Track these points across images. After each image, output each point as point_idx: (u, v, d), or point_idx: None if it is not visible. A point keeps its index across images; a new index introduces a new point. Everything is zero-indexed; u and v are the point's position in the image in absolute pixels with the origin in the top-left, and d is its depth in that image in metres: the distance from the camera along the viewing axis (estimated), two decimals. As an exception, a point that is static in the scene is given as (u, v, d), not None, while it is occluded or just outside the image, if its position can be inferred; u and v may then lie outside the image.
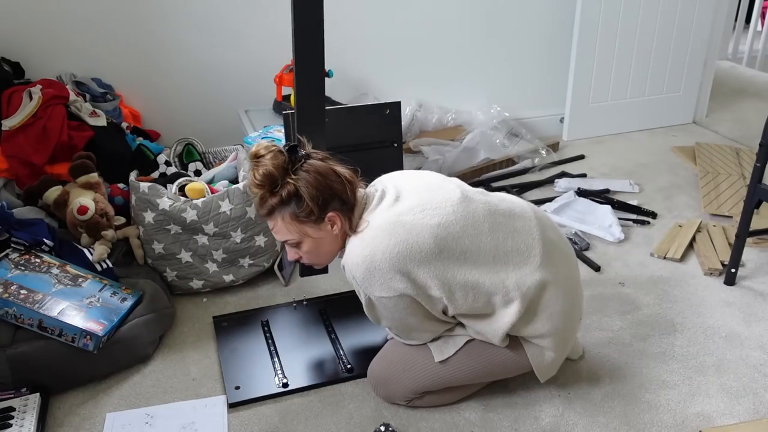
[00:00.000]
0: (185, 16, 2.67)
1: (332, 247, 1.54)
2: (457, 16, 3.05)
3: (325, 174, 1.47)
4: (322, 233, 1.50)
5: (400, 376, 1.61)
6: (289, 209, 1.46)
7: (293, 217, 1.47)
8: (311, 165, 1.46)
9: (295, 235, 1.50)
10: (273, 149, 1.44)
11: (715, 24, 3.38)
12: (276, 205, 1.46)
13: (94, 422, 1.65)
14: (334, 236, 1.51)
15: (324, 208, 1.46)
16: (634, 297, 2.12)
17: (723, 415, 1.65)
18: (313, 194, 1.44)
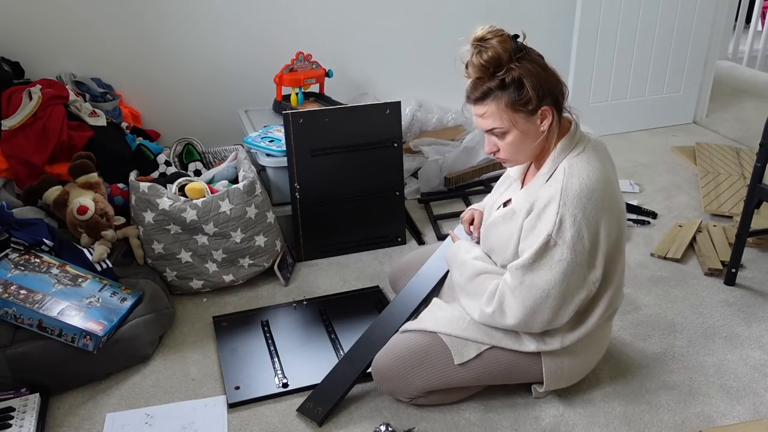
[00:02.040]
0: (185, 17, 2.67)
1: (534, 145, 1.49)
2: (457, 16, 3.05)
3: (545, 69, 1.45)
4: (530, 126, 1.46)
5: (408, 374, 1.60)
6: (508, 95, 1.42)
7: (509, 103, 1.43)
8: (533, 57, 1.44)
9: (506, 123, 1.45)
10: (500, 34, 1.41)
11: (715, 24, 3.38)
12: (494, 89, 1.43)
13: (94, 422, 1.65)
14: (540, 132, 1.47)
15: (542, 99, 1.43)
16: (634, 297, 2.12)
17: (723, 415, 1.65)
18: (534, 83, 1.41)
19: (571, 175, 1.45)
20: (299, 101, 2.60)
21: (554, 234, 1.42)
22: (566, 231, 1.42)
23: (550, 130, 1.47)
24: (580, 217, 1.42)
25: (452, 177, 2.80)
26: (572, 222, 1.42)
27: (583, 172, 1.45)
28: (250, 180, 2.10)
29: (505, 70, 1.41)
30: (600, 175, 1.45)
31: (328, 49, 2.84)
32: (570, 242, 1.42)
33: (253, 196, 2.09)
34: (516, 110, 1.43)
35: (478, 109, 1.48)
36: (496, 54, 1.40)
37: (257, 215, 2.11)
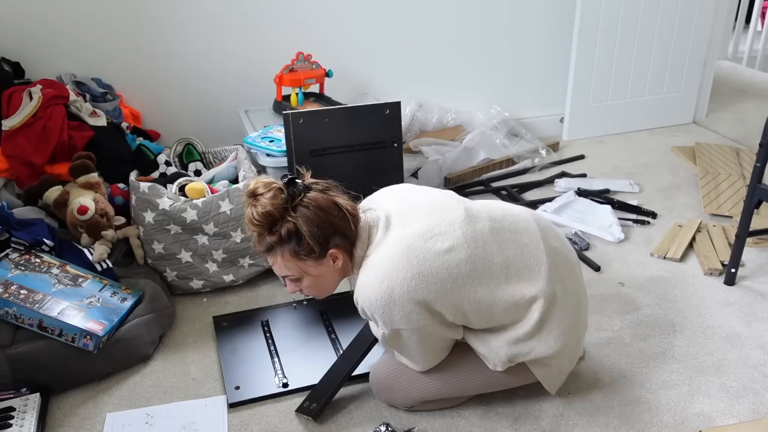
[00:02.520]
0: (185, 16, 2.67)
1: (334, 280, 1.53)
2: (457, 16, 3.05)
3: (326, 209, 1.42)
4: (323, 269, 1.47)
5: (406, 386, 1.60)
6: (289, 247, 1.42)
7: (293, 254, 1.43)
8: (312, 199, 1.42)
9: (296, 271, 1.47)
10: (272, 187, 1.40)
11: (715, 24, 3.38)
12: (275, 244, 1.43)
13: (94, 422, 1.65)
14: (335, 270, 1.49)
15: (325, 244, 1.43)
16: (634, 297, 2.12)
17: (723, 415, 1.65)
18: (314, 231, 1.40)
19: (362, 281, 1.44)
20: (299, 101, 2.60)
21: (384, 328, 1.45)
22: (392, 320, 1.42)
23: (345, 262, 1.48)
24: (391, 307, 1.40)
25: (452, 177, 2.80)
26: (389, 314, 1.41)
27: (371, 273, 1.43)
28: (250, 180, 2.10)
29: (279, 224, 1.41)
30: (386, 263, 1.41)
31: (328, 49, 2.84)
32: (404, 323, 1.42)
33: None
34: (301, 259, 1.44)
35: (269, 260, 1.49)
36: (266, 212, 1.39)
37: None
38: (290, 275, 1.48)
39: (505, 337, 1.51)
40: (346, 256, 1.47)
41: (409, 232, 1.44)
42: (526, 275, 1.48)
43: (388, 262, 1.41)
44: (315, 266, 1.46)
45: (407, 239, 1.43)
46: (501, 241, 1.49)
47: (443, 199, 1.55)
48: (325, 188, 1.47)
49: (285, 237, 1.41)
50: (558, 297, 1.51)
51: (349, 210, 1.46)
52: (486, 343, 1.53)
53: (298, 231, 1.40)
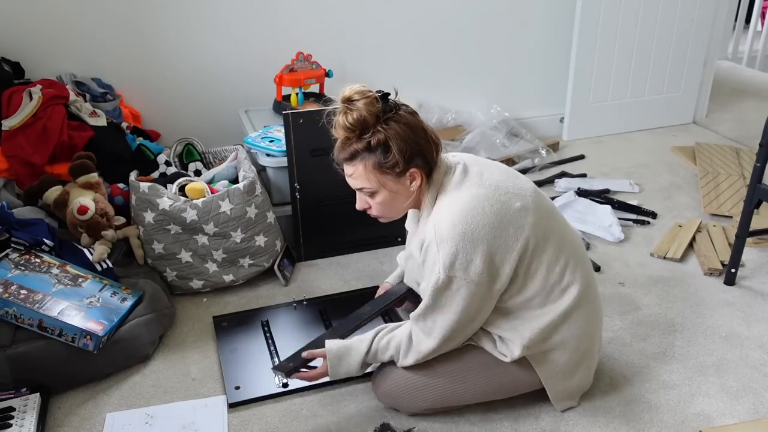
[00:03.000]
0: (185, 17, 2.67)
1: (405, 203, 1.52)
2: (457, 16, 3.05)
3: (415, 128, 1.44)
4: (400, 187, 1.48)
5: (410, 395, 1.59)
6: (374, 157, 1.43)
7: (376, 165, 1.44)
8: (402, 117, 1.44)
9: (374, 184, 1.47)
10: (368, 95, 1.42)
11: (715, 24, 3.38)
12: (361, 151, 1.44)
13: (94, 422, 1.65)
14: (410, 192, 1.49)
15: (409, 161, 1.44)
16: (634, 297, 2.12)
17: (723, 415, 1.65)
18: (402, 147, 1.42)
19: (440, 213, 1.45)
20: (299, 101, 2.60)
21: (442, 272, 1.41)
22: (453, 265, 1.41)
23: (422, 186, 1.50)
24: (461, 246, 1.40)
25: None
26: (455, 254, 1.40)
27: (452, 206, 1.44)
28: (250, 180, 2.10)
29: (371, 132, 1.42)
30: (471, 199, 1.44)
31: (328, 49, 2.84)
32: (462, 273, 1.41)
33: (253, 196, 2.09)
34: (383, 172, 1.45)
35: (347, 169, 1.50)
36: (361, 117, 1.41)
37: (257, 215, 2.11)
38: (367, 188, 1.49)
39: (531, 320, 1.52)
40: (425, 180, 1.49)
41: (488, 183, 1.48)
42: (571, 265, 1.53)
43: (466, 204, 1.43)
44: (393, 182, 1.47)
45: (485, 188, 1.47)
46: (559, 225, 1.56)
47: (514, 170, 1.60)
48: (413, 112, 1.48)
49: (374, 146, 1.42)
50: (588, 301, 1.57)
51: (433, 137, 1.48)
52: (511, 324, 1.53)
53: (387, 142, 1.41)
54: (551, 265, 1.50)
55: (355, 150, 1.44)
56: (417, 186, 1.49)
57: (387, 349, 1.58)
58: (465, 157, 1.57)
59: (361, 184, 1.49)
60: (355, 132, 1.43)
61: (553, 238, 1.51)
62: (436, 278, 1.42)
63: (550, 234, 1.51)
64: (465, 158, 1.57)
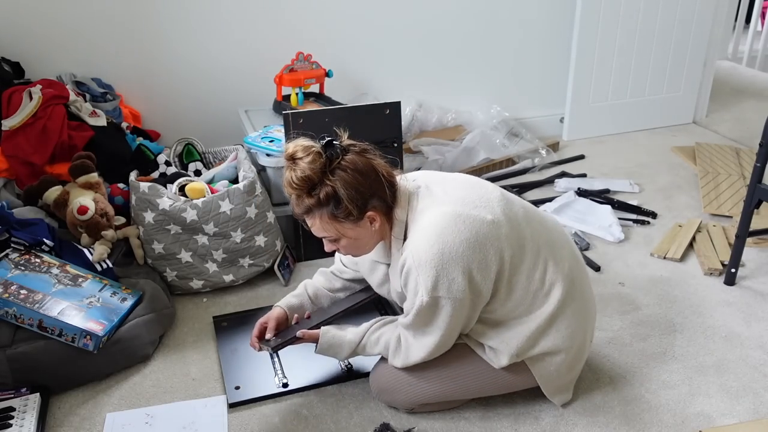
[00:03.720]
0: (185, 16, 2.67)
1: (370, 242, 1.53)
2: (457, 16, 3.05)
3: (364, 172, 1.43)
4: (360, 231, 1.48)
5: (406, 389, 1.60)
6: (327, 209, 1.43)
7: (331, 217, 1.44)
8: (350, 162, 1.42)
9: (333, 233, 1.48)
10: (311, 151, 1.40)
11: (715, 24, 3.38)
12: (313, 206, 1.44)
13: (94, 422, 1.65)
14: (372, 233, 1.50)
15: (363, 207, 1.44)
16: (634, 297, 2.12)
17: (723, 415, 1.65)
18: (352, 195, 1.41)
19: (413, 237, 1.45)
20: (299, 101, 2.60)
21: (426, 295, 1.42)
22: (436, 287, 1.41)
23: (382, 225, 1.49)
24: (441, 268, 1.40)
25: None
26: (437, 277, 1.40)
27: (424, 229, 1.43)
28: (250, 180, 2.10)
29: (318, 188, 1.42)
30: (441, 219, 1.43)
31: (328, 49, 2.84)
32: (445, 292, 1.42)
33: (253, 196, 2.09)
34: (339, 222, 1.45)
35: (307, 221, 1.50)
36: (305, 175, 1.40)
37: (257, 215, 2.11)
38: (328, 236, 1.50)
39: (517, 329, 1.52)
40: (384, 218, 1.48)
41: (454, 199, 1.47)
42: (551, 268, 1.52)
43: (438, 225, 1.42)
44: (353, 228, 1.47)
45: (453, 205, 1.45)
46: (533, 229, 1.53)
47: (476, 179, 1.58)
48: (363, 150, 1.47)
49: (323, 200, 1.42)
50: (574, 297, 1.55)
51: (386, 174, 1.47)
52: (498, 334, 1.54)
53: (337, 194, 1.41)
54: (530, 272, 1.50)
55: (307, 206, 1.45)
56: (378, 226, 1.48)
57: (376, 344, 1.60)
58: (424, 178, 1.56)
59: (323, 234, 1.50)
60: (303, 189, 1.42)
61: (528, 244, 1.50)
62: (420, 301, 1.43)
63: (524, 241, 1.50)
64: (425, 179, 1.55)
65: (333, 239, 1.50)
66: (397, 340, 1.57)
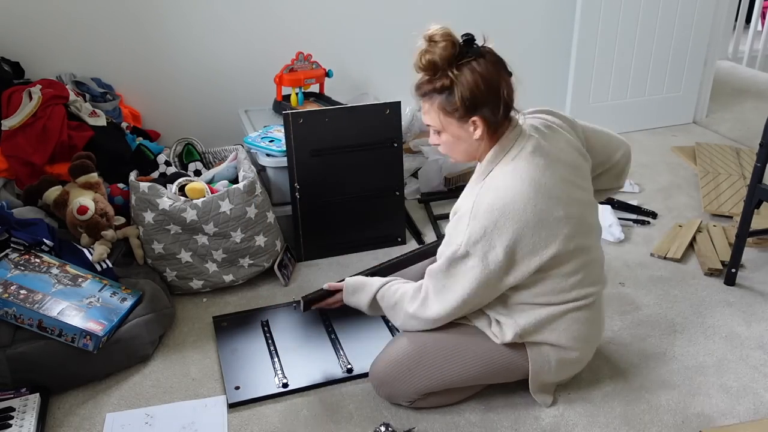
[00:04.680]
0: (185, 16, 2.67)
1: (468, 149, 1.55)
2: (456, 15, 3.05)
3: (487, 81, 1.45)
4: (462, 132, 1.51)
5: (405, 377, 1.60)
6: (441, 98, 1.47)
7: (441, 107, 1.48)
8: (479, 66, 1.45)
9: (438, 124, 1.52)
10: (448, 39, 1.44)
11: (715, 24, 3.38)
12: (429, 91, 1.49)
13: (94, 422, 1.65)
14: (473, 140, 1.51)
15: (471, 110, 1.46)
16: (634, 297, 2.12)
17: (723, 415, 1.65)
18: (465, 95, 1.44)
19: (487, 189, 1.47)
20: (299, 101, 2.60)
21: (463, 245, 1.44)
22: (476, 244, 1.43)
23: (484, 138, 1.51)
24: (491, 230, 1.42)
25: (452, 177, 2.80)
26: (482, 235, 1.43)
27: (500, 187, 1.46)
28: (250, 180, 2.10)
29: (440, 75, 1.46)
30: (520, 188, 1.44)
31: (328, 49, 2.84)
32: (481, 254, 1.44)
33: (253, 196, 2.09)
34: (447, 114, 1.49)
35: (422, 104, 1.55)
36: (433, 60, 1.44)
37: (257, 215, 2.11)
38: (434, 125, 1.54)
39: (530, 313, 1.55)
40: (487, 132, 1.50)
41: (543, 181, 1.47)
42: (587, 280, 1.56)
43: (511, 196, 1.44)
44: (456, 126, 1.50)
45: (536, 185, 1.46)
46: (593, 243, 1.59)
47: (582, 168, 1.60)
48: (498, 61, 1.50)
49: (439, 88, 1.46)
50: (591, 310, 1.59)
51: (507, 94, 1.49)
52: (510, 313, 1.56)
53: (452, 88, 1.45)
54: (567, 276, 1.52)
55: (426, 89, 1.49)
56: (479, 135, 1.50)
57: (394, 293, 1.62)
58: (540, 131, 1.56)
59: (429, 121, 1.54)
60: (427, 72, 1.47)
61: (580, 255, 1.53)
62: (456, 248, 1.45)
63: (579, 251, 1.52)
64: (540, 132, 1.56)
65: (437, 130, 1.54)
66: (417, 289, 1.58)
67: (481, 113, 1.47)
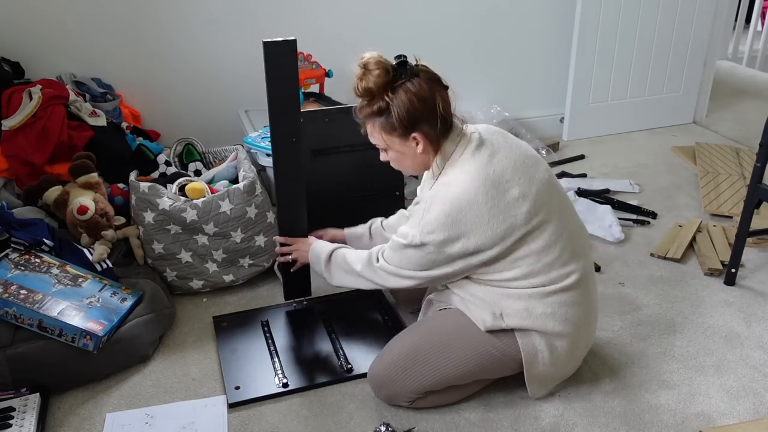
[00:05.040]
0: (185, 16, 2.67)
1: (414, 163, 1.64)
2: (457, 16, 3.05)
3: (422, 99, 1.54)
4: (406, 148, 1.60)
5: (402, 376, 1.61)
6: (380, 120, 1.58)
7: (382, 127, 1.58)
8: (413, 86, 1.55)
9: (382, 143, 1.62)
10: (382, 66, 1.56)
11: (715, 24, 3.38)
12: (369, 114, 1.60)
13: (94, 422, 1.65)
14: (416, 154, 1.60)
15: (410, 128, 1.55)
16: (634, 297, 2.12)
17: (723, 415, 1.65)
18: (402, 115, 1.53)
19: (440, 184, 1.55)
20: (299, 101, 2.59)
21: (418, 235, 1.52)
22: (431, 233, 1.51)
23: (427, 151, 1.59)
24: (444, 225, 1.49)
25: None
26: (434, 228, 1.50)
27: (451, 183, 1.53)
28: (250, 180, 2.10)
29: (376, 100, 1.57)
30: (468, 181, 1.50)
31: (328, 49, 2.83)
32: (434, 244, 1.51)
33: (253, 196, 2.09)
34: (388, 134, 1.59)
35: (366, 126, 1.65)
36: (368, 87, 1.57)
37: (257, 215, 2.11)
38: (379, 145, 1.64)
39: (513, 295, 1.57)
40: (429, 145, 1.58)
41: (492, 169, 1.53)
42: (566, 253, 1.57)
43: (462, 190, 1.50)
44: (399, 144, 1.59)
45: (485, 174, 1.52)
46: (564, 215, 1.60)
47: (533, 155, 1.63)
48: (432, 79, 1.60)
49: (377, 111, 1.58)
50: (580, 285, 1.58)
51: (443, 108, 1.57)
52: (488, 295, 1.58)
53: (389, 110, 1.55)
54: (540, 254, 1.54)
55: (365, 113, 1.61)
56: (422, 149, 1.58)
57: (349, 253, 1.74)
58: (484, 132, 1.63)
59: (374, 141, 1.65)
60: (364, 98, 1.60)
61: (548, 230, 1.54)
62: (412, 238, 1.54)
63: (545, 226, 1.54)
64: (484, 132, 1.63)
65: (383, 148, 1.64)
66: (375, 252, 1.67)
67: (420, 129, 1.56)
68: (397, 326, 1.95)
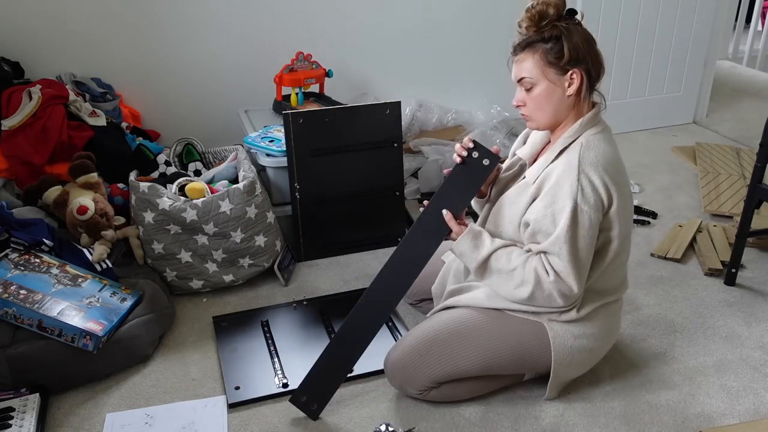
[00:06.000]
0: (185, 17, 2.67)
1: (557, 106, 1.57)
2: (457, 15, 3.05)
3: (591, 41, 1.56)
4: (557, 86, 1.55)
5: (418, 362, 1.61)
6: (544, 47, 1.51)
7: (543, 55, 1.52)
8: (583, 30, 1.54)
9: (536, 74, 1.53)
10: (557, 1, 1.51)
11: (715, 24, 3.38)
12: (536, 40, 1.52)
13: (94, 422, 1.65)
14: (565, 96, 1.56)
15: (575, 62, 1.53)
16: (634, 297, 2.12)
17: (723, 415, 1.65)
18: (572, 46, 1.51)
19: (588, 148, 1.53)
20: (299, 101, 2.60)
21: (579, 200, 1.48)
22: (589, 196, 1.48)
23: (575, 98, 1.57)
24: (598, 182, 1.49)
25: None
26: (593, 187, 1.48)
27: (600, 148, 1.53)
28: (250, 180, 2.10)
29: (549, 25, 1.51)
30: (614, 156, 1.54)
31: (328, 49, 2.84)
32: (594, 205, 1.49)
33: (253, 196, 2.09)
34: (548, 63, 1.52)
35: (518, 56, 1.56)
36: (545, 8, 1.50)
37: (257, 215, 2.11)
38: (527, 77, 1.54)
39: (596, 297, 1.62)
40: (580, 88, 1.57)
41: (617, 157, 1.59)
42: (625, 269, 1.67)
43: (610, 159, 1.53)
44: (554, 77, 1.54)
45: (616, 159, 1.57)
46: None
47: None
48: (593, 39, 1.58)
49: (547, 36, 1.51)
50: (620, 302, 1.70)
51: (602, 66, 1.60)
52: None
53: (560, 37, 1.51)
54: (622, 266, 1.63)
55: (531, 38, 1.53)
56: (574, 90, 1.55)
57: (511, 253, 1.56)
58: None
59: (524, 73, 1.55)
60: (536, 20, 1.51)
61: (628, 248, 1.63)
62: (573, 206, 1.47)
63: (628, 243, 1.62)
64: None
65: (530, 83, 1.55)
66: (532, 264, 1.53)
67: (583, 67, 1.54)
68: (397, 326, 1.95)
